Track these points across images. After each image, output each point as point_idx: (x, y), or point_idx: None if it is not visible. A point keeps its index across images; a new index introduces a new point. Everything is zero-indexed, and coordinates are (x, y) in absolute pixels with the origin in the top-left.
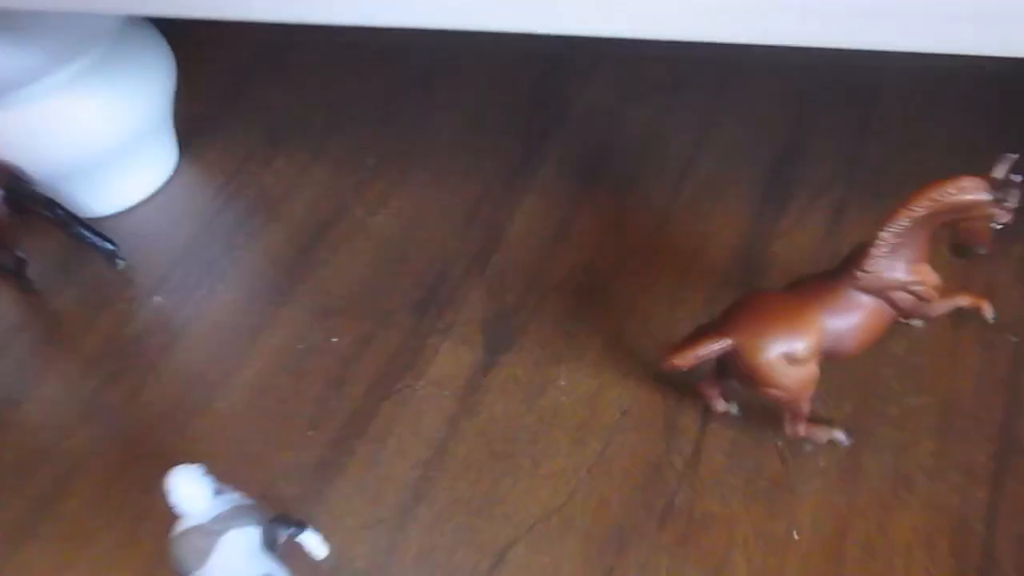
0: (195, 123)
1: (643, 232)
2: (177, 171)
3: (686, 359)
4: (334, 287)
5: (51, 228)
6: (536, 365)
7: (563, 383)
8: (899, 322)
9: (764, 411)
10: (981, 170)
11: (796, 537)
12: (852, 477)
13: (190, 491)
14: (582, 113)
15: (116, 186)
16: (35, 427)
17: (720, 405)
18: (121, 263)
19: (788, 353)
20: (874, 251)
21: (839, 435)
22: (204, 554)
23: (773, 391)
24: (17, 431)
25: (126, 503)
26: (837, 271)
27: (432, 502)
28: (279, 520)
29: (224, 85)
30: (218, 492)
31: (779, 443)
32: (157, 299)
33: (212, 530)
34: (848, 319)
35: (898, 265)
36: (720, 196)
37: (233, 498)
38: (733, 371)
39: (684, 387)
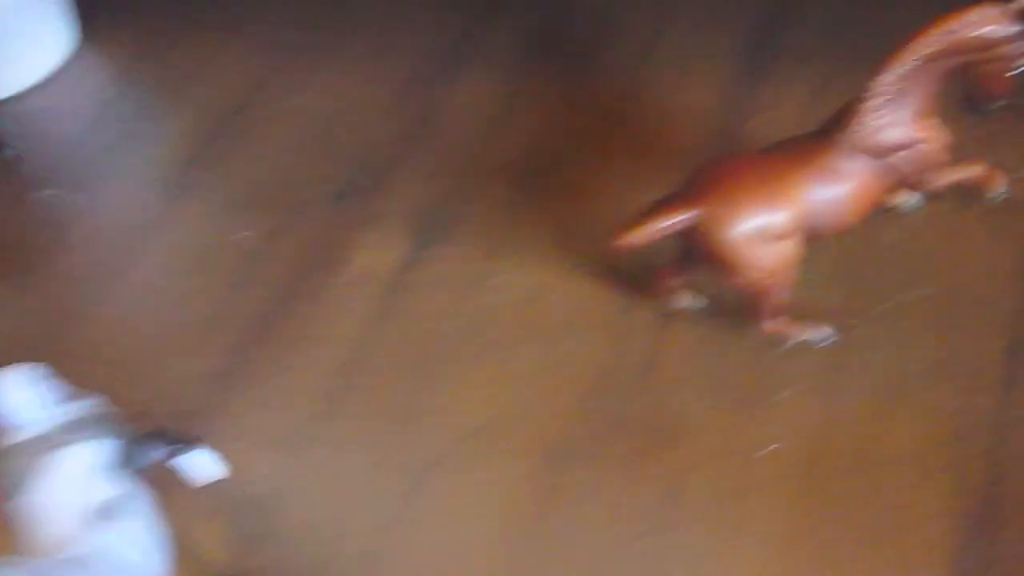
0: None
1: (600, 110)
2: (76, 53)
3: (641, 236)
4: (244, 176)
5: None
6: (470, 260)
7: (500, 280)
8: (889, 206)
9: (736, 305)
10: None
11: (769, 452)
12: (838, 381)
13: (18, 397)
14: None
15: (3, 68)
16: None
17: (681, 300)
18: (8, 151)
19: (764, 228)
20: (871, 102)
21: (823, 333)
22: (23, 475)
23: (745, 275)
24: None
25: None
26: (825, 130)
27: (346, 416)
28: (153, 436)
29: None
30: (65, 400)
31: (752, 343)
32: (49, 192)
33: (39, 447)
34: (837, 187)
35: (900, 120)
36: (689, 69)
37: (82, 407)
38: (698, 252)
39: (641, 281)
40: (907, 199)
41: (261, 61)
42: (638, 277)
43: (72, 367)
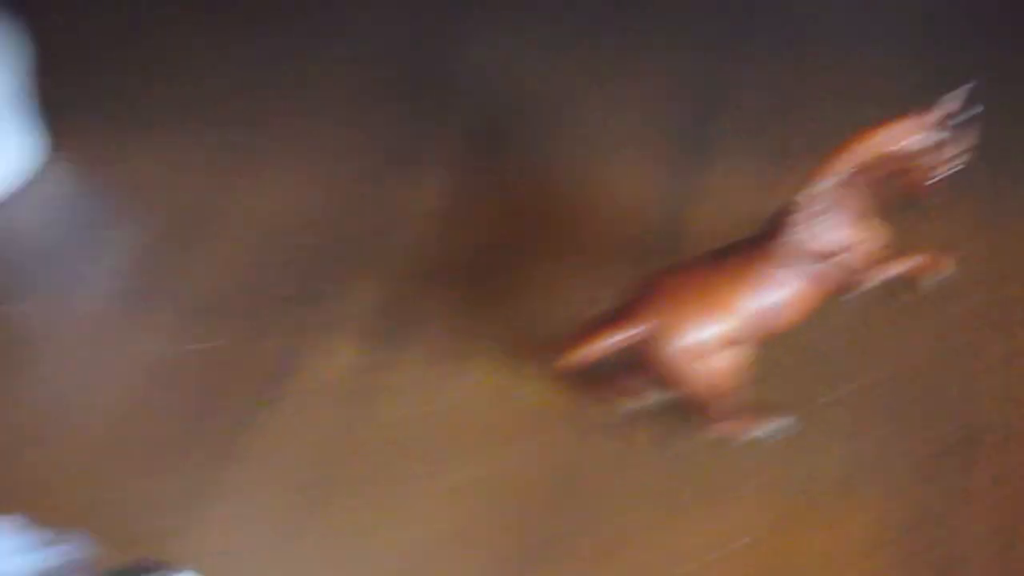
0: (61, 109)
1: (550, 203)
2: (42, 164)
3: (586, 355)
4: (202, 283)
5: None
6: (426, 364)
7: (459, 383)
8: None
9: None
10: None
11: (725, 552)
12: (790, 475)
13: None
14: (477, 71)
15: None
16: None
17: (635, 401)
18: None
19: (708, 340)
20: (802, 212)
21: (773, 426)
22: None
23: (692, 386)
24: None
25: None
26: (762, 235)
27: (315, 529)
28: (131, 570)
29: (89, 65)
30: (44, 545)
31: (703, 442)
32: (3, 307)
33: None
34: (777, 294)
35: (834, 225)
36: (635, 159)
37: (60, 552)
38: (644, 364)
39: (596, 380)
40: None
41: (219, 162)
42: (593, 374)
43: (34, 491)
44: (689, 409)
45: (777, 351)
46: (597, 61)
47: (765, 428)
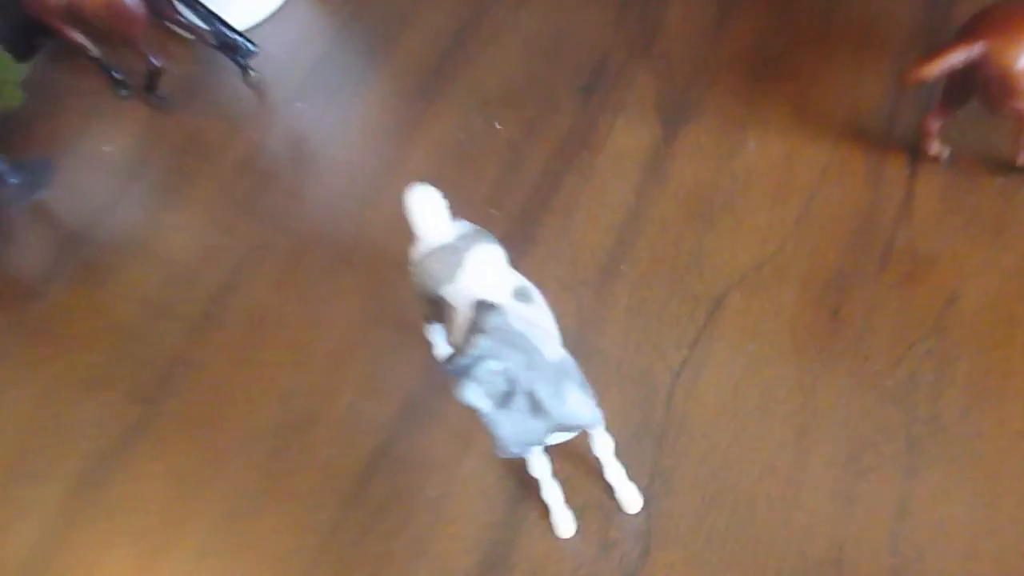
0: None
1: (813, 7)
2: None
3: (933, 69)
4: (488, 81)
5: (183, 41)
6: (721, 132)
7: (753, 146)
8: None
9: (976, 155)
10: None
11: None
12: None
13: (432, 209)
14: None
15: (238, 2)
16: (196, 226)
17: (933, 147)
18: (253, 74)
19: None
20: None
21: None
22: (455, 267)
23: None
24: (180, 231)
25: (308, 286)
26: None
27: (634, 262)
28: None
29: None
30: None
31: (998, 180)
32: (299, 105)
33: (459, 246)
34: None
35: None
36: None
37: (464, 224)
38: (979, 84)
39: (885, 140)
40: None
41: None
42: (883, 134)
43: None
44: (1012, 130)
45: None
46: None
47: None
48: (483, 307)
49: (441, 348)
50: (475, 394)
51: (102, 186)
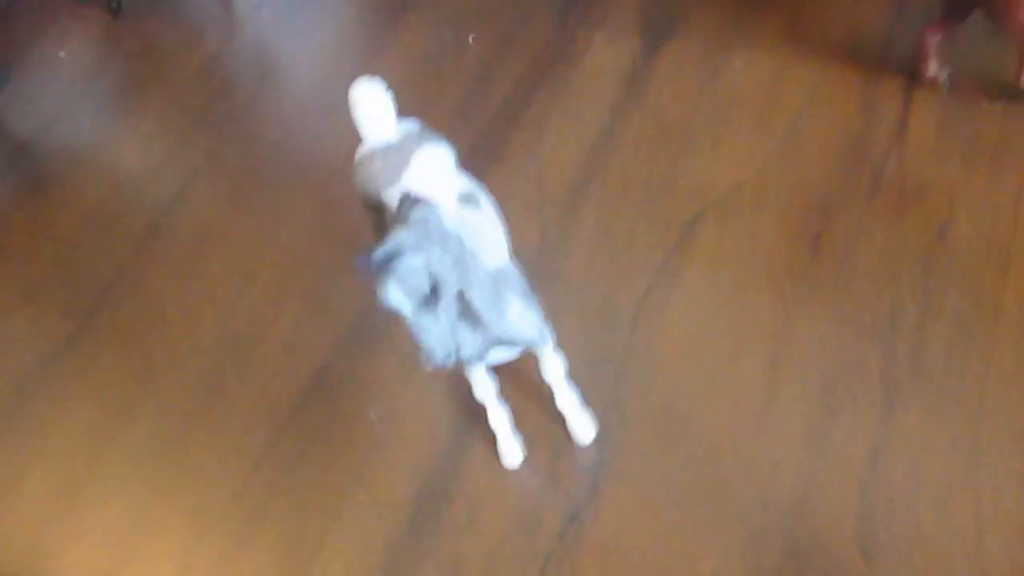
0: None
1: None
2: None
3: None
4: None
5: None
6: (705, 50)
7: (738, 64)
8: None
9: (977, 78)
10: None
11: None
12: None
13: (377, 106)
14: None
15: None
16: (148, 137)
17: (932, 67)
18: None
19: None
20: None
21: None
22: (400, 167)
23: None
24: (131, 142)
25: (259, 201)
26: None
27: (604, 182)
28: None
29: None
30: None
31: (998, 106)
32: (264, 13)
33: (405, 146)
34: None
35: None
36: None
37: (411, 123)
38: None
39: (881, 61)
40: None
41: None
42: (878, 56)
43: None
44: (1011, 49)
45: None
46: None
47: None
48: (407, 199)
49: None
50: (395, 292)
51: (55, 93)
